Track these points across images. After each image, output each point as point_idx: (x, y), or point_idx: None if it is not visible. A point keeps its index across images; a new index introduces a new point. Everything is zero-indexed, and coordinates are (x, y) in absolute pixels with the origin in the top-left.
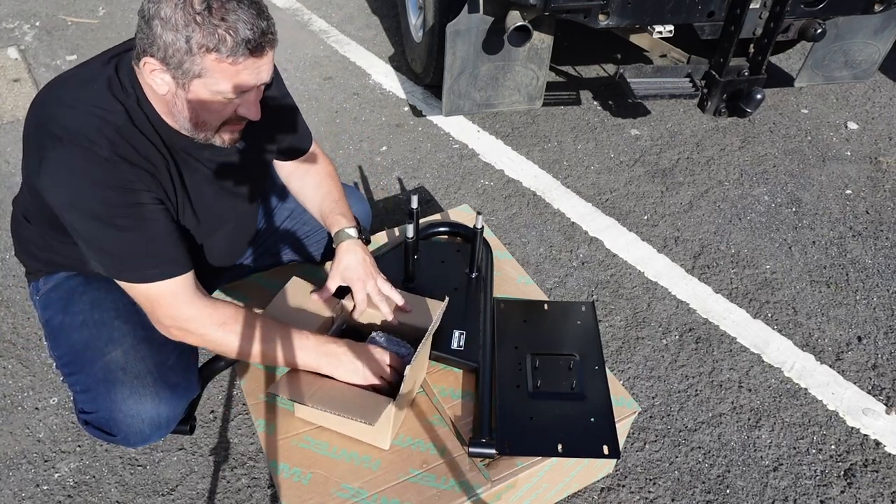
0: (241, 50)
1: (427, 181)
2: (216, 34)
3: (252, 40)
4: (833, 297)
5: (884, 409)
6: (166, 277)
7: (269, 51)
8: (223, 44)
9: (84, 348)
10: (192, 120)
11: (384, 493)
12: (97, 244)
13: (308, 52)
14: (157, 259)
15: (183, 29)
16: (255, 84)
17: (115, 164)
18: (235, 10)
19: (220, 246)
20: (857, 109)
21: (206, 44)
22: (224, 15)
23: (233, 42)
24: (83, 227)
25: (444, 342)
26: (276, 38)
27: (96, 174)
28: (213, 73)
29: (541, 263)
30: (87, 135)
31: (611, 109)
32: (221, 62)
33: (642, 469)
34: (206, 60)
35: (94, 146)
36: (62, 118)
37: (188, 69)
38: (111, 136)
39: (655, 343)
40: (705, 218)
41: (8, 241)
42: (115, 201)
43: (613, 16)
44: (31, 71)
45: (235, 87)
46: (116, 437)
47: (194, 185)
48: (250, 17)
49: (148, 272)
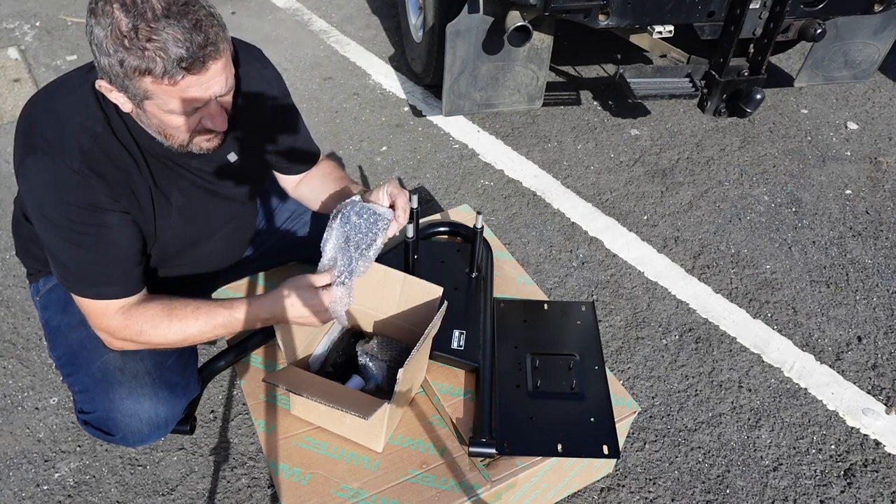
0: (174, 69)
1: (427, 181)
2: (145, 56)
3: (186, 58)
4: (833, 297)
5: (884, 409)
6: (101, 298)
7: (213, 63)
8: (154, 65)
9: (82, 348)
10: (161, 133)
11: (384, 494)
12: (51, 250)
13: (308, 52)
14: (98, 280)
15: (114, 53)
16: (207, 98)
17: (84, 178)
18: (164, 28)
19: (217, 247)
20: (857, 109)
21: (137, 66)
22: (151, 35)
23: (164, 62)
24: (44, 232)
25: (444, 342)
26: (220, 48)
27: (64, 188)
28: (157, 95)
29: (541, 263)
30: (61, 145)
31: (611, 109)
32: (159, 84)
33: (642, 469)
34: (144, 83)
35: (67, 158)
36: (42, 126)
37: (134, 92)
38: (87, 146)
39: (655, 343)
40: (705, 218)
41: (8, 242)
42: (76, 218)
43: (613, 16)
44: (31, 71)
45: (185, 103)
46: (115, 436)
47: (180, 190)
48: (182, 33)
49: (87, 290)
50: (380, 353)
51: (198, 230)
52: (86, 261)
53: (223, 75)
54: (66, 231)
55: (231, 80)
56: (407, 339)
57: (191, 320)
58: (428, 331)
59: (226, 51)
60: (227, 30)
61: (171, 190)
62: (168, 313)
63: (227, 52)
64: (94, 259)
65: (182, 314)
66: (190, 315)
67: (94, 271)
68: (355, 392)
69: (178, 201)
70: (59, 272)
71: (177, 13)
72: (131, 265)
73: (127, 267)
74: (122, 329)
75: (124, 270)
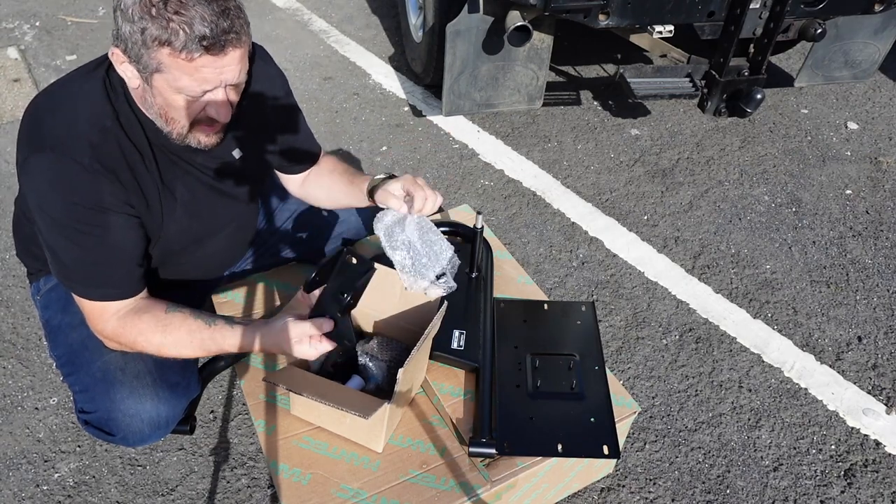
0: (194, 46)
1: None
2: (169, 27)
3: (208, 37)
4: (833, 297)
5: (884, 409)
6: (99, 299)
7: (232, 50)
8: (176, 37)
9: (83, 348)
10: (163, 117)
11: (384, 494)
12: (52, 249)
13: (308, 52)
14: (97, 281)
15: (138, 21)
16: (218, 83)
17: (92, 174)
18: (194, 5)
19: (220, 247)
20: (857, 109)
21: (158, 36)
22: (180, 9)
23: (185, 37)
24: (45, 229)
25: (445, 342)
26: (241, 39)
27: (69, 187)
28: (170, 69)
29: (541, 263)
30: (71, 140)
31: (611, 109)
32: (176, 57)
33: (642, 469)
34: (160, 54)
35: (76, 153)
36: (50, 121)
37: (147, 63)
38: (96, 140)
39: (655, 343)
40: (705, 218)
41: (8, 241)
42: (79, 217)
43: (613, 16)
44: (31, 71)
45: (195, 83)
46: (116, 436)
47: (185, 186)
48: (210, 14)
49: (85, 290)
50: (380, 353)
51: (202, 227)
52: (86, 261)
53: (238, 66)
54: (69, 230)
55: (244, 75)
56: (407, 339)
57: (184, 345)
58: (428, 331)
59: (246, 44)
60: (250, 26)
61: (175, 185)
62: (162, 329)
63: (247, 46)
64: (95, 260)
65: (176, 336)
66: (184, 339)
67: (93, 272)
68: (355, 392)
69: (183, 197)
70: (58, 271)
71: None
72: (132, 267)
73: (127, 269)
74: (116, 335)
75: (124, 272)
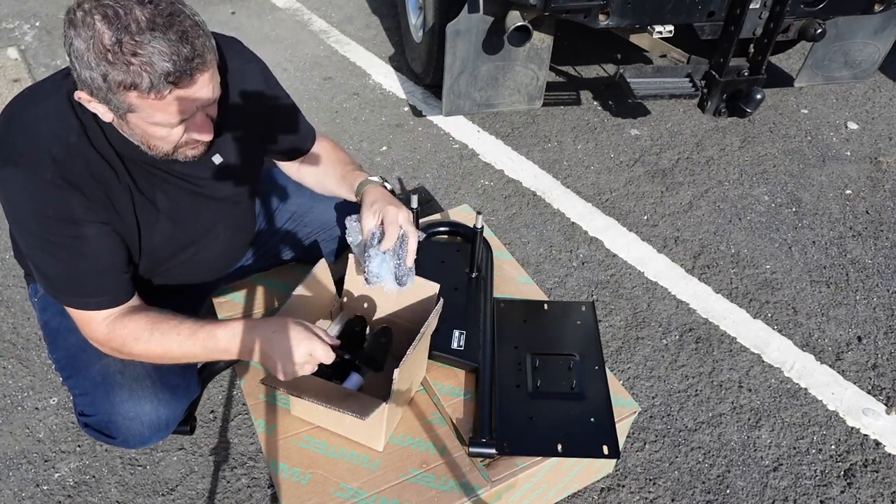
0: (161, 84)
1: (427, 181)
2: (130, 71)
3: (173, 72)
4: (833, 297)
5: (884, 409)
6: (85, 308)
7: (200, 75)
8: (140, 80)
9: (81, 351)
10: (145, 144)
11: (383, 494)
12: (33, 261)
13: (308, 52)
14: (81, 291)
15: (97, 67)
16: (193, 110)
17: (57, 188)
18: (150, 41)
19: (216, 251)
20: (857, 109)
21: (122, 81)
22: (136, 49)
23: (150, 77)
24: (24, 243)
25: (445, 342)
26: (206, 59)
27: (39, 201)
28: (142, 108)
29: (541, 263)
30: (33, 156)
31: (611, 109)
32: (145, 98)
33: (642, 469)
34: (128, 97)
35: (39, 169)
36: (14, 136)
37: (117, 105)
38: (60, 156)
39: (655, 343)
40: (705, 218)
41: (8, 242)
42: (53, 230)
43: (613, 16)
44: (31, 71)
45: (170, 116)
46: (116, 439)
47: (166, 195)
48: (168, 46)
49: (70, 300)
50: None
51: (188, 233)
52: (67, 272)
53: (210, 85)
54: (45, 243)
55: (217, 90)
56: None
57: (174, 351)
58: (424, 328)
59: (212, 61)
60: (212, 38)
61: (155, 194)
62: (150, 334)
63: (214, 61)
64: (76, 270)
65: (166, 341)
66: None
67: (75, 282)
68: (354, 392)
69: (164, 205)
70: (42, 282)
71: (162, 25)
72: (115, 275)
73: (110, 277)
74: (107, 340)
75: (107, 281)
